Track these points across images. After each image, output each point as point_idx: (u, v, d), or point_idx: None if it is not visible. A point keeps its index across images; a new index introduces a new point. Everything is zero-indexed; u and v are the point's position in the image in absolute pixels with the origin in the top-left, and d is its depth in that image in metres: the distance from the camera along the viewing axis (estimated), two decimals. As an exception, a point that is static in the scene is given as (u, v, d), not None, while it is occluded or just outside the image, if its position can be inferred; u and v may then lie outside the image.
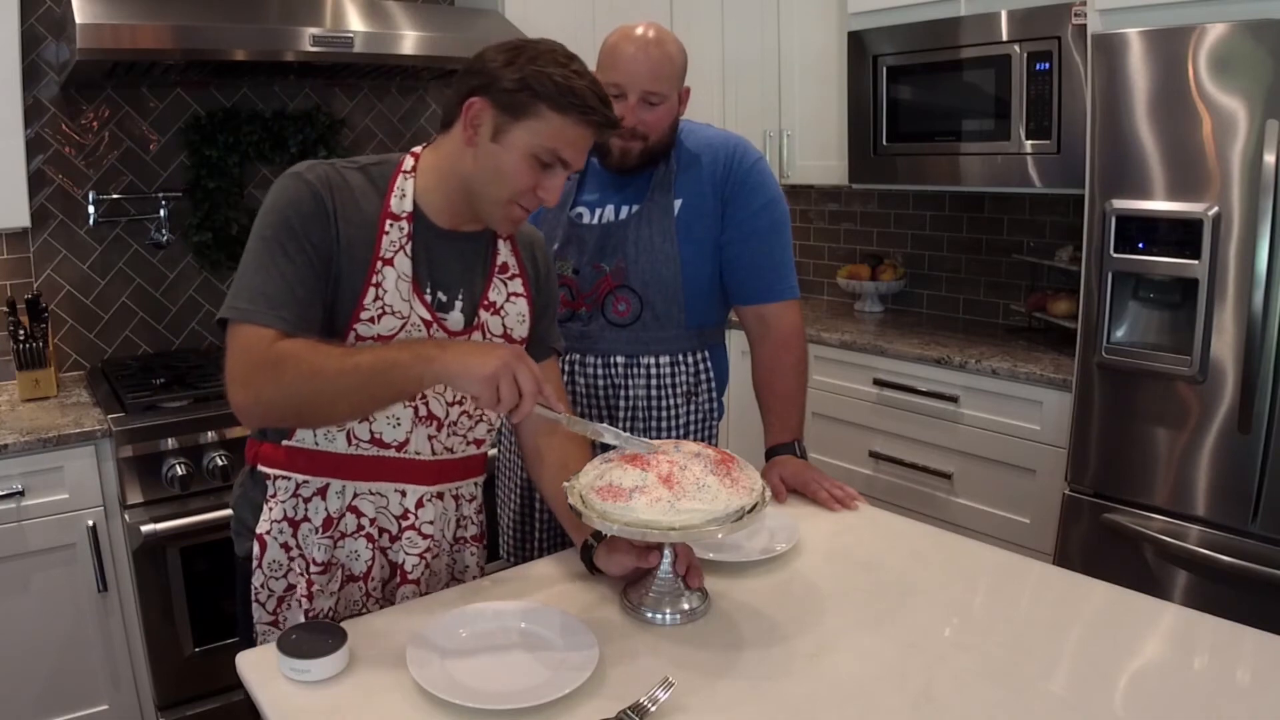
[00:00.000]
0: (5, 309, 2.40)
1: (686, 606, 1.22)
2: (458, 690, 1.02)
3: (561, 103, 1.18)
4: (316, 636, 1.10)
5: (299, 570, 1.32)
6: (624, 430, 1.66)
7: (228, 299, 1.20)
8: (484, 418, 1.39)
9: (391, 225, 1.25)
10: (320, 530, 1.31)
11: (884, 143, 2.87)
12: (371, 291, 1.23)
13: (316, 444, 1.29)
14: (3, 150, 2.16)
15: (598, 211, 1.72)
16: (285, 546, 1.32)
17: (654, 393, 1.75)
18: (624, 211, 1.71)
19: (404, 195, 1.27)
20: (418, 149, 1.32)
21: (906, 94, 2.80)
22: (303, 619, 1.29)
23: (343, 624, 1.15)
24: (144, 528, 2.07)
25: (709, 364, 1.80)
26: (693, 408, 1.79)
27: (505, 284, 1.37)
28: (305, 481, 1.30)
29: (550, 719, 1.00)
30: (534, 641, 1.15)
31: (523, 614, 1.20)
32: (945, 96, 2.70)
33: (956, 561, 1.41)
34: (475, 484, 1.44)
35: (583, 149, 1.24)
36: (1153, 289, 2.16)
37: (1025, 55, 2.48)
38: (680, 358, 1.76)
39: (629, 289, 1.71)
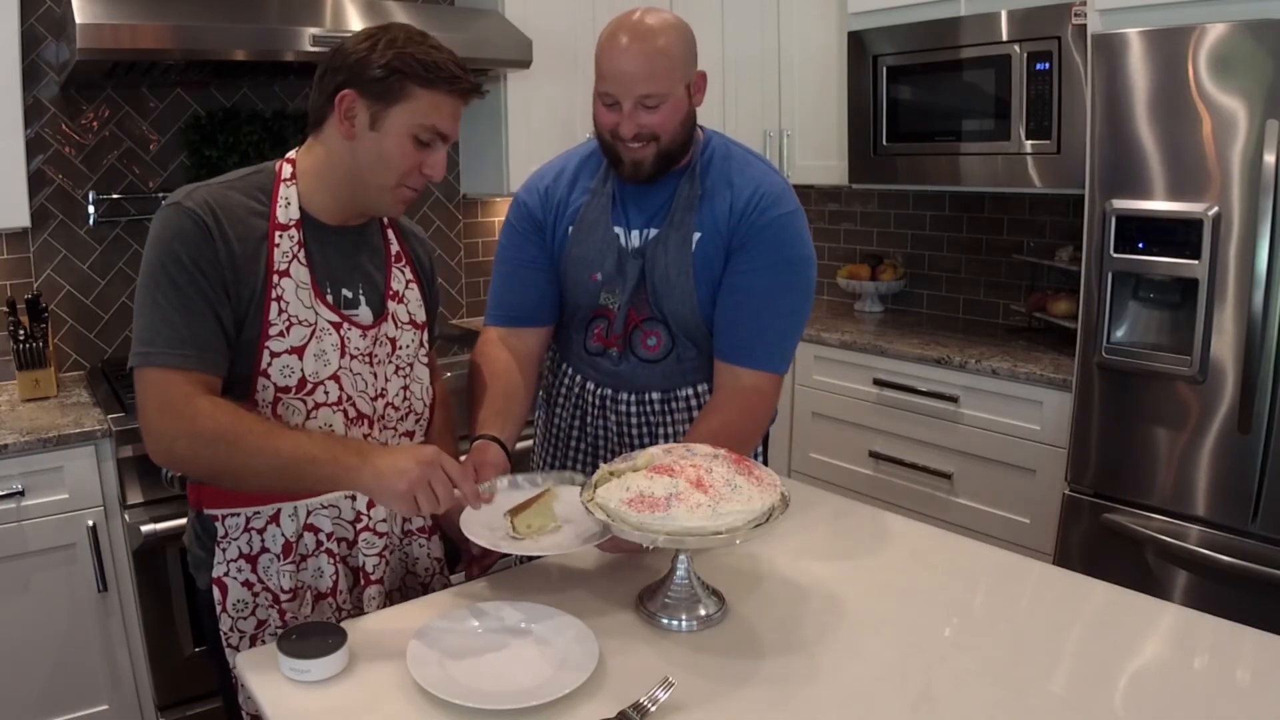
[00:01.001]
0: (5, 309, 2.40)
1: (703, 613, 1.21)
2: (458, 690, 1.02)
3: (429, 79, 1.22)
4: (316, 636, 1.10)
5: (267, 603, 1.31)
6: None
7: (132, 345, 1.20)
8: (411, 409, 1.41)
9: (281, 236, 1.25)
10: (282, 557, 1.30)
11: (884, 143, 2.87)
12: (274, 306, 1.23)
13: None
14: (3, 150, 2.16)
15: (634, 234, 1.56)
16: (247, 584, 1.30)
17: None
18: (646, 235, 1.55)
19: (289, 203, 1.27)
20: (291, 154, 1.32)
21: (906, 94, 2.80)
22: None
23: (343, 624, 1.15)
24: (144, 528, 2.07)
25: None
26: None
27: (402, 272, 1.40)
28: (256, 513, 1.29)
29: (550, 719, 1.00)
30: (534, 641, 1.14)
31: (523, 614, 1.19)
32: (945, 96, 2.70)
33: (956, 561, 1.41)
34: None
35: (456, 119, 1.27)
36: (1153, 289, 2.16)
37: (1025, 55, 2.48)
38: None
39: (657, 321, 1.57)
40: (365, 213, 1.34)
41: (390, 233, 1.41)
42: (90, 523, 2.08)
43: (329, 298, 1.29)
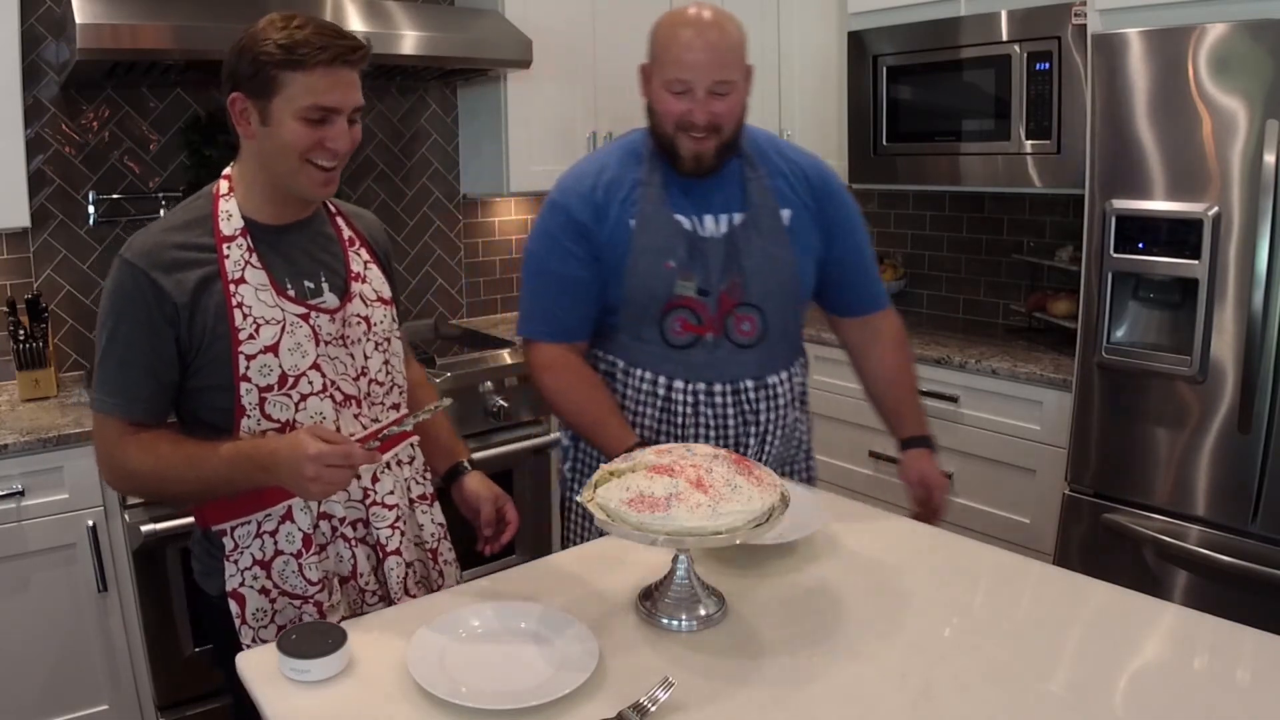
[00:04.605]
0: (5, 309, 2.40)
1: (703, 612, 1.21)
2: (458, 690, 1.02)
3: (293, 61, 1.20)
4: (316, 636, 1.10)
5: (291, 605, 1.32)
6: (757, 457, 1.66)
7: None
8: (395, 384, 1.44)
9: (229, 248, 1.28)
10: (304, 551, 1.31)
11: (884, 143, 2.87)
12: (237, 314, 1.26)
13: None
14: (3, 150, 2.15)
15: (705, 220, 1.58)
16: (264, 590, 1.31)
17: (781, 412, 1.66)
18: (724, 222, 1.58)
19: (229, 216, 1.30)
20: (228, 170, 1.35)
21: (906, 94, 2.80)
22: None
23: (343, 624, 1.15)
24: (144, 528, 2.07)
25: (805, 370, 1.77)
26: (804, 415, 1.76)
27: (359, 254, 1.43)
28: (267, 514, 1.31)
29: (550, 719, 1.00)
30: (534, 641, 1.14)
31: (523, 614, 1.19)
32: (945, 96, 2.70)
33: (956, 561, 1.41)
34: (411, 445, 1.48)
35: (343, 88, 1.24)
36: (1153, 289, 2.16)
37: (1025, 55, 2.48)
38: (791, 370, 1.69)
39: (750, 305, 1.59)
40: (299, 206, 1.36)
41: (340, 220, 1.44)
42: (90, 523, 2.08)
43: (291, 292, 1.31)
